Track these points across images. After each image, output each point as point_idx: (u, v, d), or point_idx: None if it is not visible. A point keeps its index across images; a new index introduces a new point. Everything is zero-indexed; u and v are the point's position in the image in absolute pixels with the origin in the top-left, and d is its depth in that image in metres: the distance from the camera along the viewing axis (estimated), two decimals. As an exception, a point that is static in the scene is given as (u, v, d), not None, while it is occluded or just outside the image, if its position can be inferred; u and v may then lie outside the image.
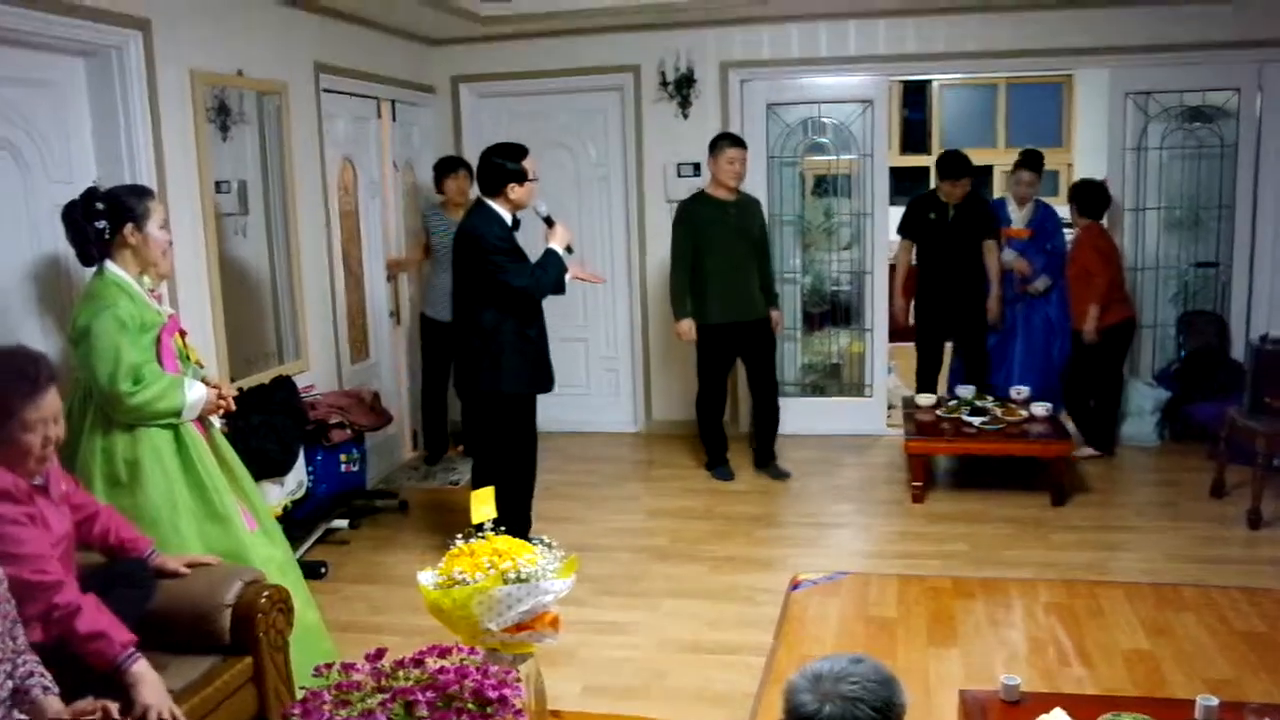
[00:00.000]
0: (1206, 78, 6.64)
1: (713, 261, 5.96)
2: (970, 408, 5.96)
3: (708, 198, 6.04)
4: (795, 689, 1.85)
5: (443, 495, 6.10)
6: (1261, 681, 3.68)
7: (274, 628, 3.10)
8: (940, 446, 5.88)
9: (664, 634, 4.29)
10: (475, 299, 4.70)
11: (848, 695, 1.80)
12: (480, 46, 6.98)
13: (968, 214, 6.39)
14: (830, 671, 1.84)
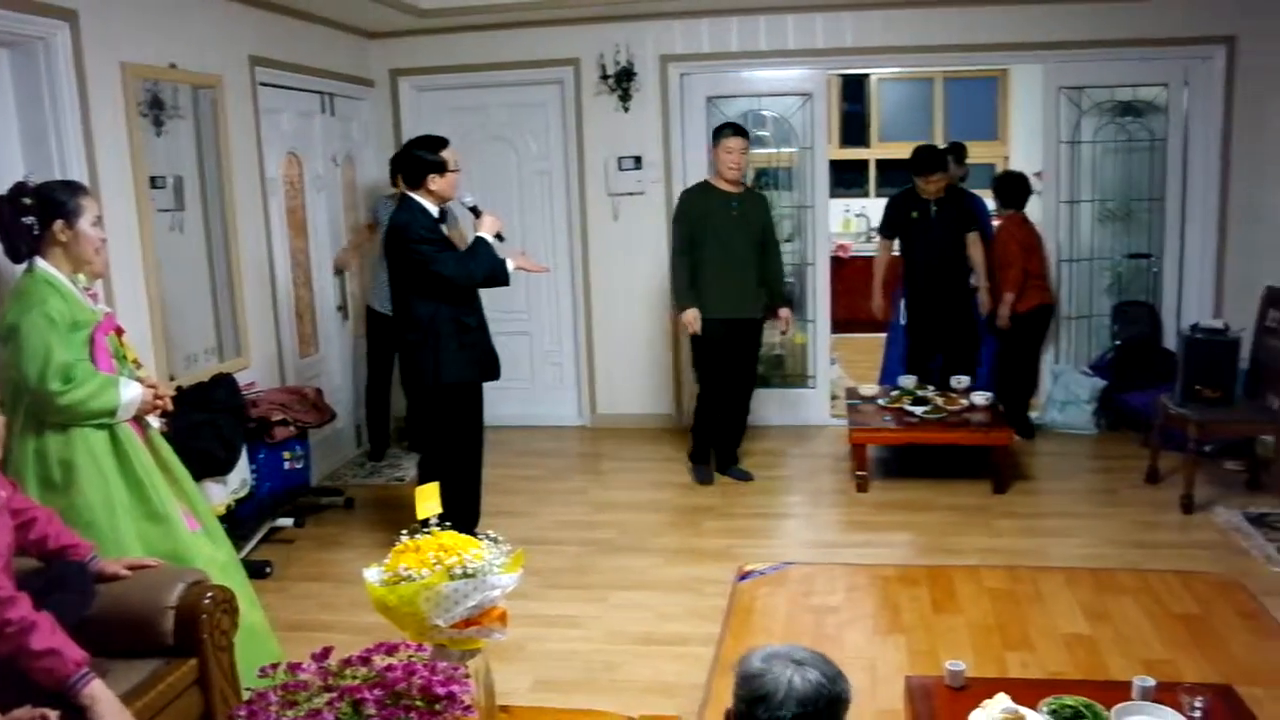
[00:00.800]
0: (1136, 73, 6.78)
1: (709, 254, 5.78)
2: (912, 398, 6.02)
3: (710, 188, 5.88)
4: (752, 672, 1.89)
5: (389, 491, 6.05)
6: (1195, 661, 3.77)
7: (218, 629, 3.05)
8: (883, 436, 5.93)
9: (613, 626, 4.29)
10: (409, 291, 4.67)
11: (796, 659, 1.88)
12: (419, 39, 6.92)
13: (949, 209, 6.38)
14: (783, 650, 1.92)
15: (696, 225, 5.77)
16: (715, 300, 5.79)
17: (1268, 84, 6.35)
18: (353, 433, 6.81)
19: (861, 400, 6.24)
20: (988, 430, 5.72)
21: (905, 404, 5.99)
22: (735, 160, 5.73)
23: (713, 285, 5.78)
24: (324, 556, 5.13)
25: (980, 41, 6.64)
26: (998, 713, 2.77)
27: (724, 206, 5.79)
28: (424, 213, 4.65)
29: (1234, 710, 2.88)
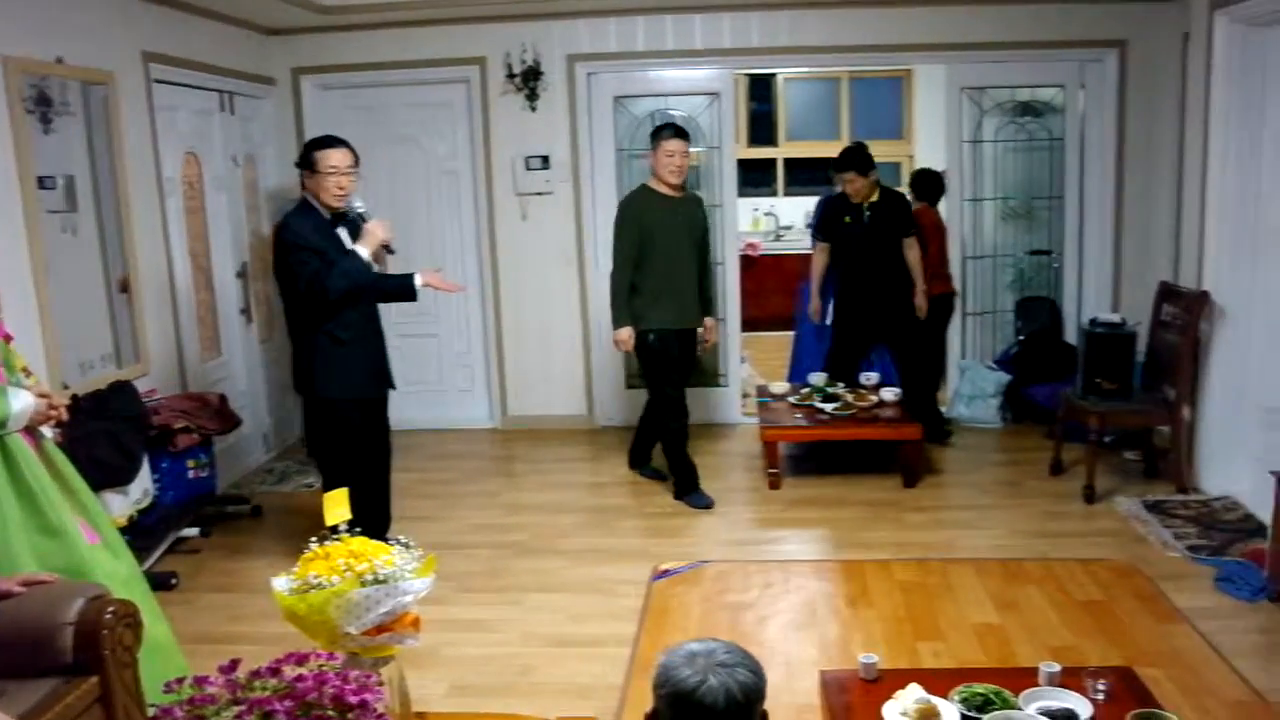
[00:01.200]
0: (1034, 74, 6.96)
1: (656, 263, 5.50)
2: (823, 395, 6.07)
3: (651, 193, 5.58)
4: (669, 667, 1.88)
5: (298, 499, 5.93)
6: (1099, 646, 3.86)
7: (121, 644, 2.95)
8: (795, 434, 5.96)
9: (528, 629, 4.26)
10: (286, 299, 4.54)
11: (725, 663, 1.85)
12: (321, 37, 6.79)
13: (883, 212, 6.22)
14: (700, 650, 1.89)
15: (645, 234, 5.49)
16: (666, 311, 5.54)
17: (1156, 87, 6.56)
18: (259, 439, 6.66)
19: (772, 398, 6.27)
20: (897, 425, 5.79)
21: (815, 401, 6.03)
22: (678, 164, 5.48)
23: (663, 295, 5.53)
24: (231, 566, 5.00)
25: (884, 42, 6.74)
26: (910, 703, 2.81)
27: (668, 212, 5.54)
28: (306, 216, 4.47)
29: (1134, 691, 2.97)
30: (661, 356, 5.60)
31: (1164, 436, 5.82)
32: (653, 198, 5.57)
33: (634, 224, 5.52)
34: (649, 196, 5.58)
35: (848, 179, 6.16)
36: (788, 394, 6.28)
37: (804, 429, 5.89)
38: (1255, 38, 5.24)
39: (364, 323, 4.58)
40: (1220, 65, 5.35)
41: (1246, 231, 5.38)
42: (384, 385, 4.75)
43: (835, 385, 6.20)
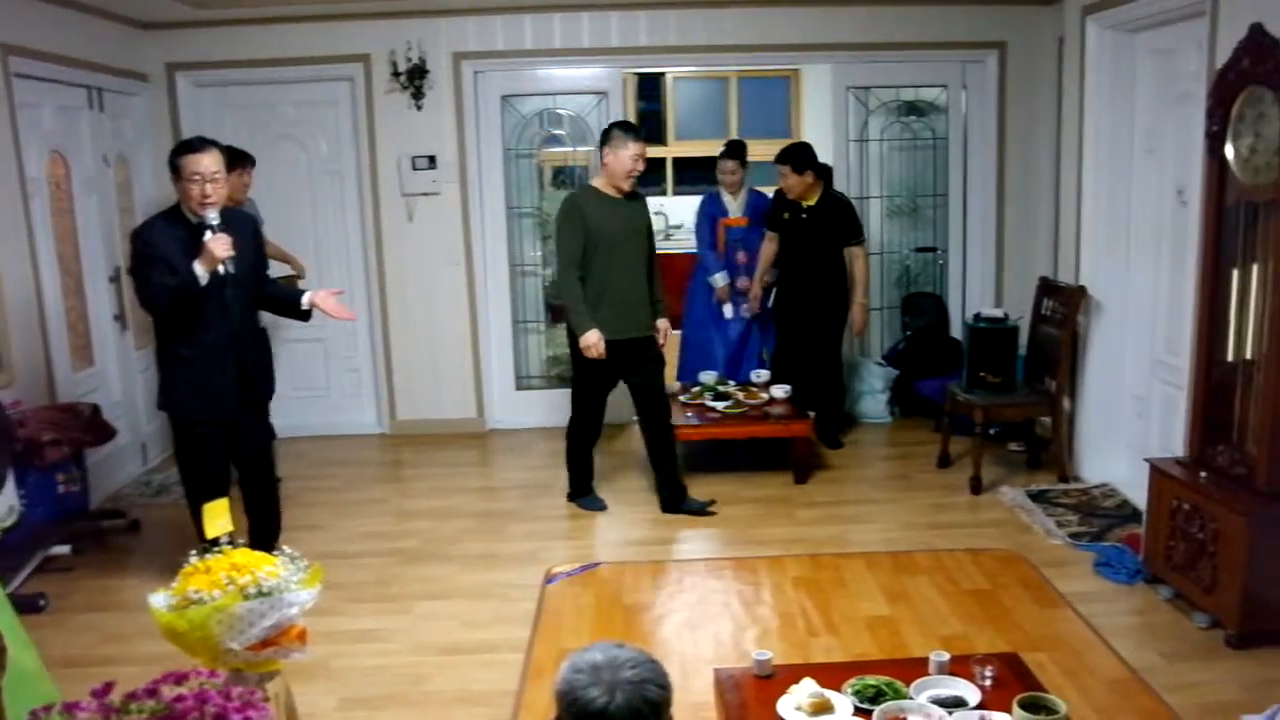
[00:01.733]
0: (918, 75, 7.09)
1: (607, 267, 5.25)
2: (713, 393, 6.08)
3: (599, 194, 5.31)
4: (578, 685, 1.78)
5: (178, 511, 5.69)
6: (986, 633, 3.93)
7: (-18, 672, 2.79)
8: (686, 433, 5.91)
9: (420, 638, 4.19)
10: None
11: (633, 679, 1.77)
12: (197, 32, 6.58)
13: (821, 215, 6.26)
14: (604, 660, 1.80)
15: (590, 236, 5.22)
16: (613, 319, 5.28)
17: (1035, 88, 6.75)
18: (137, 450, 6.42)
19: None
20: (787, 422, 5.84)
21: (706, 399, 6.04)
22: (639, 168, 5.26)
23: (614, 302, 5.28)
24: (106, 584, 4.80)
25: (772, 42, 6.81)
26: (804, 698, 2.82)
27: (614, 213, 5.28)
28: (168, 222, 4.21)
29: (1020, 676, 3.04)
30: (594, 366, 5.34)
31: (1046, 427, 5.98)
32: (598, 197, 5.30)
33: (579, 223, 5.23)
34: (594, 196, 5.32)
35: (782, 172, 6.23)
36: (678, 393, 6.26)
37: (695, 427, 5.89)
38: (1124, 42, 5.42)
39: (213, 341, 4.25)
40: (1092, 68, 5.52)
41: (1120, 228, 5.56)
42: (233, 408, 4.35)
43: (726, 383, 6.24)
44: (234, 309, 4.27)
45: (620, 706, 1.74)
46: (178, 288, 4.09)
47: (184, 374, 4.29)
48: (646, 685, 1.77)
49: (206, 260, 4.08)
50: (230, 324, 4.27)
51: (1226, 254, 4.11)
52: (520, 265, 7.17)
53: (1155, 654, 3.84)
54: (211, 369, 4.26)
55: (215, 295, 4.20)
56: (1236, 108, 4.01)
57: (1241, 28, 3.94)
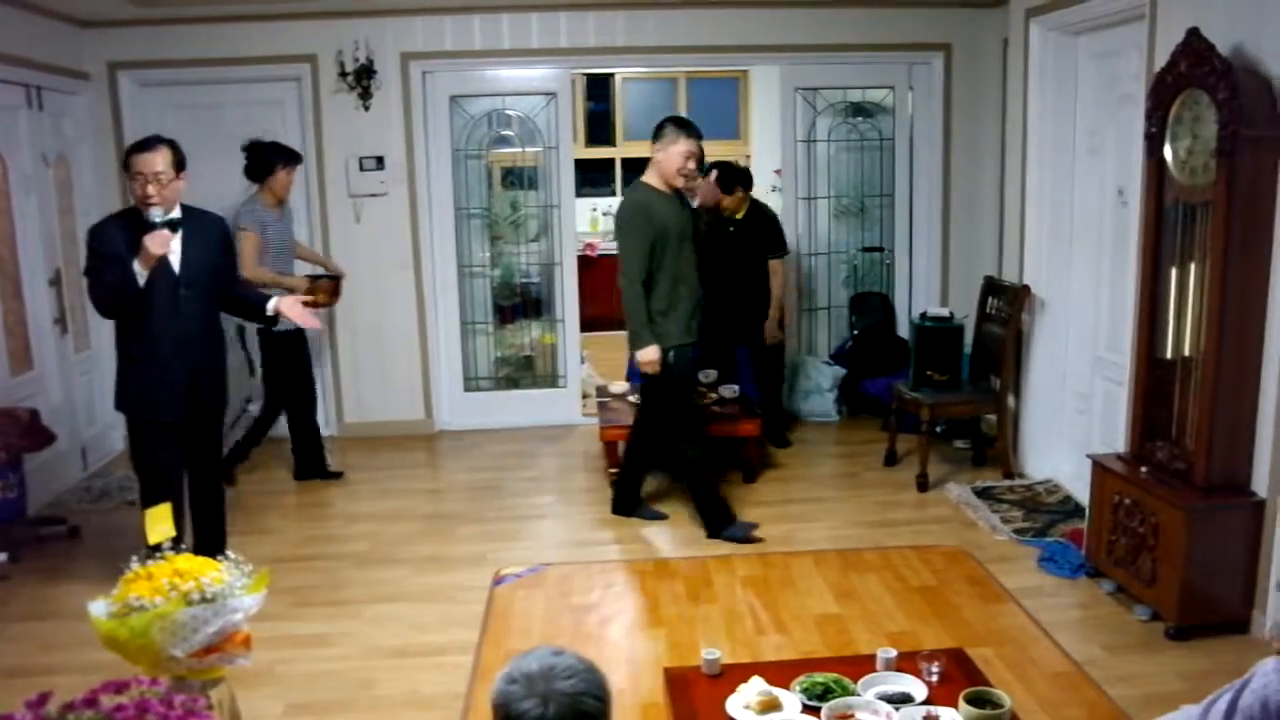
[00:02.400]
0: (865, 76, 7.14)
1: (674, 271, 4.94)
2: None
3: (658, 192, 4.96)
4: (512, 697, 1.72)
5: (119, 517, 5.62)
6: (933, 629, 3.97)
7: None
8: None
9: (368, 642, 4.15)
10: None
11: (568, 691, 1.72)
12: (140, 30, 6.47)
13: (749, 228, 6.33)
14: (540, 669, 1.75)
15: (659, 239, 4.88)
16: (683, 326, 5.00)
17: (980, 89, 6.83)
18: (77, 455, 6.30)
19: (611, 398, 6.26)
20: (735, 422, 5.85)
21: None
22: (690, 168, 4.94)
23: (677, 307, 4.98)
24: (45, 592, 4.71)
25: (720, 43, 6.82)
26: (753, 696, 2.83)
27: (677, 214, 4.97)
28: (120, 220, 4.21)
29: (965, 670, 3.08)
30: (680, 379, 5.05)
31: (991, 424, 6.05)
32: (659, 196, 4.95)
33: (646, 225, 4.87)
34: (655, 194, 4.96)
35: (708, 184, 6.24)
36: (627, 393, 6.25)
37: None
38: (1067, 44, 5.50)
39: (163, 341, 4.20)
40: (1036, 70, 5.60)
41: (1063, 227, 5.64)
42: (180, 410, 4.28)
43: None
44: (187, 310, 4.22)
45: (554, 719, 1.69)
46: (116, 284, 4.06)
47: (133, 373, 4.26)
48: (582, 697, 1.72)
49: (143, 258, 4.04)
50: (182, 324, 4.21)
51: (1165, 253, 4.19)
52: (469, 266, 7.14)
53: (1097, 647, 3.90)
54: (161, 369, 4.21)
55: (167, 295, 4.16)
56: (1174, 110, 4.08)
57: (1179, 32, 4.01)
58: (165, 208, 4.10)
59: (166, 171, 4.10)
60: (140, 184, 4.06)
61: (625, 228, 4.94)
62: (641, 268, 4.86)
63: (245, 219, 5.68)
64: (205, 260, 4.25)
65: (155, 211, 4.07)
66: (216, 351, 4.44)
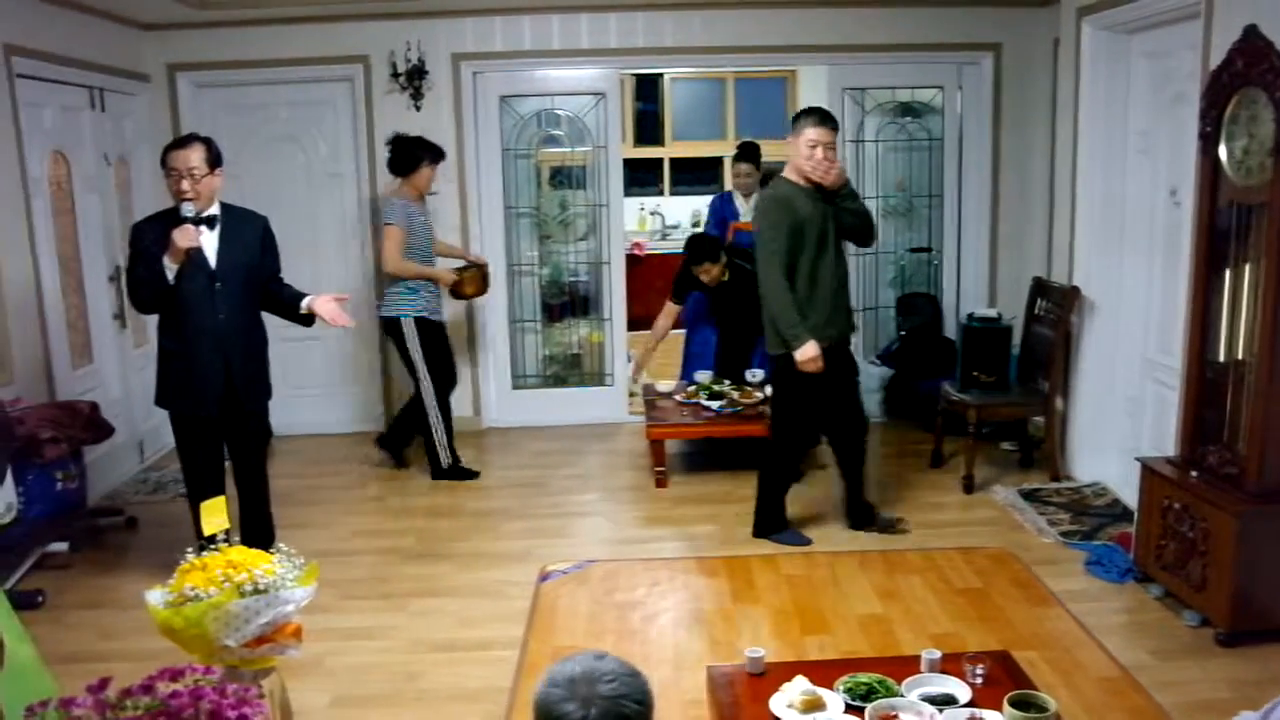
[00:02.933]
0: (914, 76, 7.10)
1: (814, 266, 4.75)
2: (709, 392, 6.07)
3: (796, 186, 4.77)
4: (554, 700, 1.74)
5: (174, 508, 5.72)
6: (977, 632, 3.97)
7: (-21, 667, 2.82)
8: (680, 430, 5.96)
9: (414, 635, 4.20)
10: None
11: (609, 695, 1.73)
12: (199, 33, 6.59)
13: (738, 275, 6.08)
14: (582, 673, 1.76)
15: (796, 234, 4.68)
16: (822, 324, 4.77)
17: (1029, 89, 6.77)
18: (134, 448, 6.44)
19: (659, 397, 6.28)
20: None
21: (701, 399, 6.03)
22: (820, 157, 4.67)
23: (817, 306, 4.76)
24: (103, 581, 4.82)
25: (769, 43, 6.82)
26: (796, 695, 2.84)
27: (815, 207, 4.74)
28: (160, 217, 4.32)
29: (1011, 673, 3.06)
30: (809, 382, 4.77)
31: (1038, 427, 6.00)
32: (798, 190, 4.75)
33: (787, 218, 4.67)
34: (794, 188, 4.76)
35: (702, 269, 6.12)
36: (674, 392, 6.28)
37: (689, 426, 5.92)
38: (1119, 43, 5.44)
39: (197, 336, 4.28)
40: (1087, 69, 5.54)
41: (1114, 228, 5.58)
42: (216, 404, 4.35)
43: (721, 383, 6.18)
44: (223, 306, 4.29)
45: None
46: (148, 279, 4.17)
47: (169, 367, 4.36)
48: (623, 701, 1.73)
49: (171, 252, 4.13)
50: (217, 321, 4.29)
51: (1219, 255, 4.14)
52: (518, 265, 7.20)
53: (1145, 652, 3.87)
54: (195, 363, 4.29)
55: (203, 291, 4.25)
56: (1230, 109, 4.03)
57: (1236, 29, 3.96)
58: (200, 204, 4.20)
59: (200, 168, 4.19)
60: (175, 179, 4.17)
61: (768, 222, 4.73)
62: (779, 261, 4.66)
63: (391, 214, 5.87)
64: (242, 258, 4.35)
65: (188, 207, 4.17)
66: (254, 348, 4.51)
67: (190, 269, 4.19)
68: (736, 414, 5.89)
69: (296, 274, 4.62)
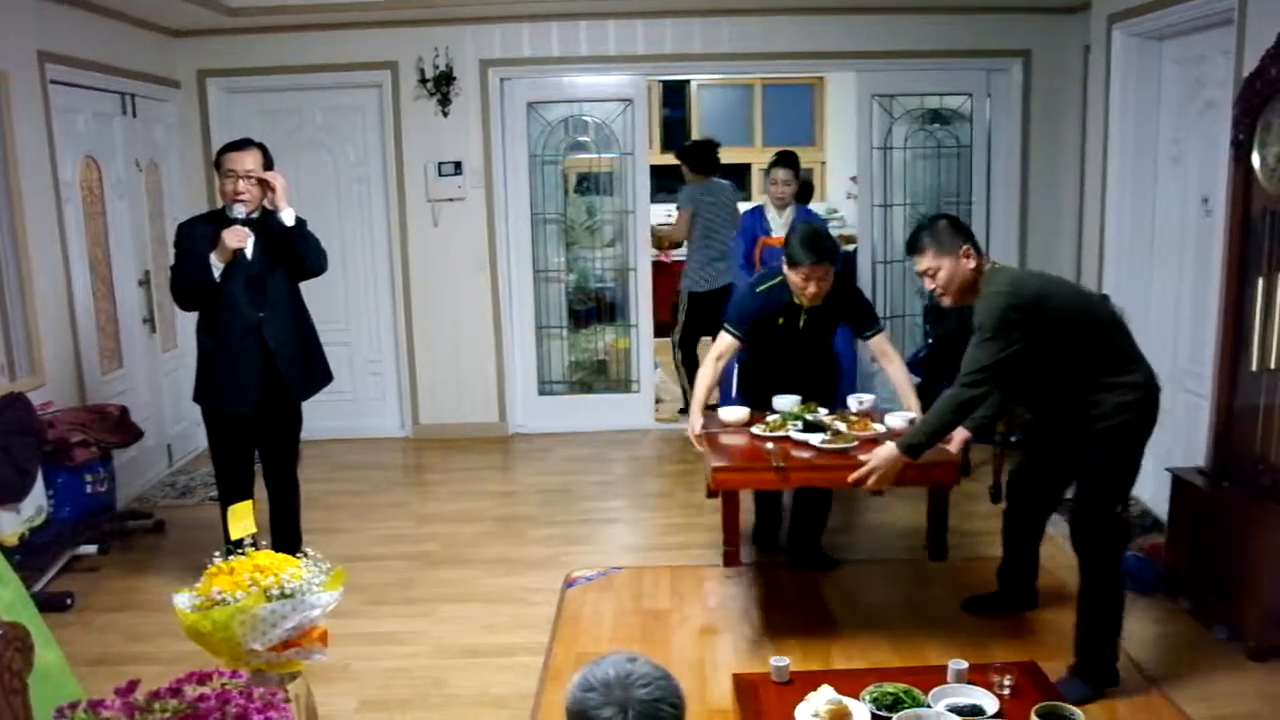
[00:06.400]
0: (942, 83, 7.07)
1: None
2: (801, 423, 4.24)
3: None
4: (590, 705, 1.74)
5: (202, 512, 5.77)
6: (1004, 641, 3.93)
7: (9, 669, 2.82)
8: (768, 480, 3.98)
9: (440, 641, 4.20)
10: None
11: (646, 699, 1.74)
12: (228, 39, 6.65)
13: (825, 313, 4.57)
14: (616, 677, 1.77)
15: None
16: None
17: (1059, 97, 6.73)
18: (163, 451, 6.48)
19: (724, 428, 4.39)
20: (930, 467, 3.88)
21: (792, 431, 4.16)
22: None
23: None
24: (131, 584, 4.85)
25: (797, 50, 6.81)
26: (822, 704, 2.83)
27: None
28: (207, 218, 4.46)
29: (1038, 684, 3.05)
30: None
31: (1067, 437, 5.94)
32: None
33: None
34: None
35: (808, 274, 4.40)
36: (749, 422, 4.39)
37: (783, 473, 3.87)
38: (1150, 50, 5.40)
39: (235, 333, 4.34)
40: (1118, 76, 5.50)
41: (1143, 236, 5.54)
42: (252, 402, 4.39)
43: (814, 410, 4.40)
44: (261, 304, 4.36)
45: None
46: (194, 276, 4.26)
47: (208, 364, 4.42)
48: (660, 705, 1.74)
49: (220, 250, 4.23)
50: (257, 318, 4.35)
51: (1251, 263, 4.09)
52: (544, 271, 7.21)
53: (1174, 664, 3.82)
54: (232, 360, 4.35)
55: (243, 290, 4.32)
56: (1262, 117, 3.99)
57: (1270, 36, 3.92)
58: (250, 207, 4.31)
59: (255, 170, 4.31)
60: (231, 180, 4.27)
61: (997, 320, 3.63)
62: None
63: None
64: (280, 258, 4.41)
65: (239, 208, 4.27)
66: (302, 337, 4.55)
67: (232, 269, 4.28)
68: (849, 450, 3.95)
69: (323, 278, 4.64)
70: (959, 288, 3.77)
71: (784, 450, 3.95)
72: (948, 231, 3.74)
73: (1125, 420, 3.54)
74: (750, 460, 3.96)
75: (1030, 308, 3.52)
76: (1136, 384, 3.58)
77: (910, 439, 3.68)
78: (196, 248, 4.27)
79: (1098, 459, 3.55)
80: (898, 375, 4.62)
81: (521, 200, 7.02)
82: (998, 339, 3.55)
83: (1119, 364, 3.58)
